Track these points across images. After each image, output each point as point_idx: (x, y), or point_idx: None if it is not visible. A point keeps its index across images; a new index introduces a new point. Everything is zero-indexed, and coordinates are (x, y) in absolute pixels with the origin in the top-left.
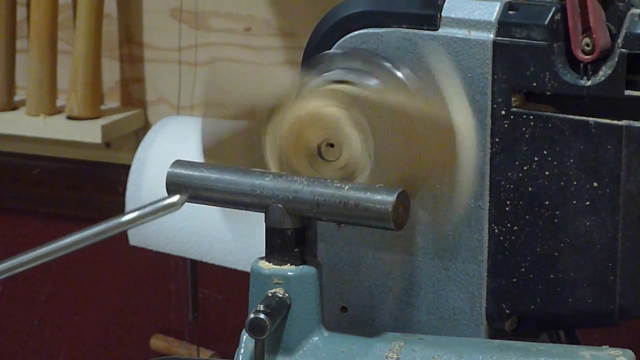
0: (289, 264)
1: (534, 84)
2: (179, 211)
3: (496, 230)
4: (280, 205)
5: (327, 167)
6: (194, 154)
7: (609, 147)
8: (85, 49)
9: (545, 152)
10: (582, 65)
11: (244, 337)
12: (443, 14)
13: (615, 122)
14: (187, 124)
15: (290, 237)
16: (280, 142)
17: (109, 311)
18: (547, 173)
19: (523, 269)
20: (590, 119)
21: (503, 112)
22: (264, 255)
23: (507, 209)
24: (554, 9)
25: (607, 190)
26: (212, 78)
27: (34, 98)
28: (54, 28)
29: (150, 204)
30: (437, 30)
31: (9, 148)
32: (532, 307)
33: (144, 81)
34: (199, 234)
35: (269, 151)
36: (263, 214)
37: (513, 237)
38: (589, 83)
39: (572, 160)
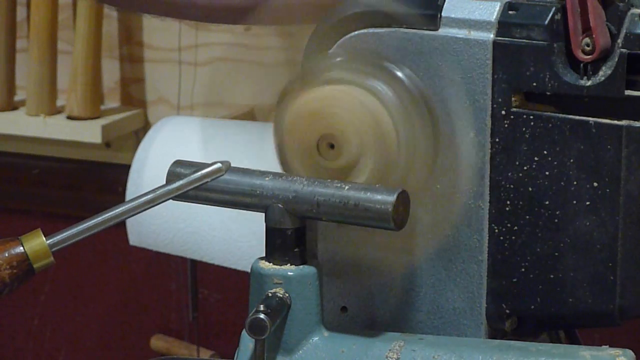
0: (289, 264)
1: (534, 84)
2: (179, 211)
3: (496, 230)
4: (280, 205)
5: (329, 167)
6: (194, 154)
7: (609, 147)
8: (85, 49)
9: (545, 152)
10: (582, 65)
11: (244, 337)
12: (443, 14)
13: (615, 122)
14: (187, 124)
15: (290, 237)
16: (281, 137)
17: (109, 311)
18: (547, 173)
19: (523, 269)
20: (590, 119)
21: (503, 112)
22: (264, 255)
23: (507, 209)
24: (554, 9)
25: (607, 190)
26: None
27: (34, 98)
28: (54, 28)
29: (195, 171)
30: (437, 30)
31: (9, 148)
32: (532, 307)
33: (144, 81)
34: (199, 234)
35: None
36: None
37: (513, 237)
38: (589, 83)
39: (572, 160)
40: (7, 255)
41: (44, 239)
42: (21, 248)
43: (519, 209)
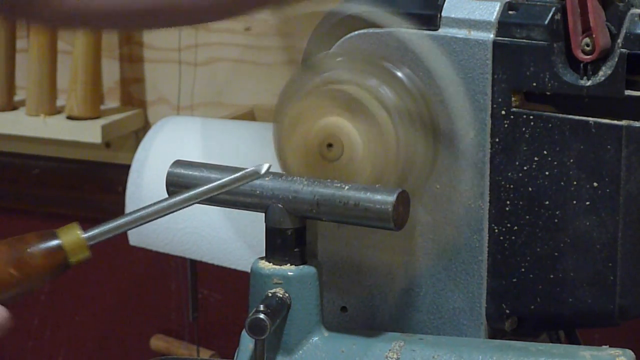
0: (289, 264)
1: (534, 84)
2: (179, 211)
3: (496, 230)
4: (280, 205)
5: (329, 167)
6: (194, 154)
7: (609, 147)
8: (85, 49)
9: (545, 152)
10: (582, 65)
11: (244, 337)
12: (443, 14)
13: (615, 122)
14: (187, 124)
15: (290, 237)
16: (282, 143)
17: (109, 311)
18: (547, 173)
19: (523, 269)
20: (590, 119)
21: (503, 112)
22: (263, 255)
23: (507, 209)
24: (554, 9)
25: (607, 190)
26: None
27: (34, 98)
28: None
29: (236, 171)
30: (437, 30)
31: (9, 148)
32: (532, 307)
33: (144, 81)
34: (199, 234)
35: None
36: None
37: (513, 237)
38: (589, 83)
39: (572, 160)
40: (43, 248)
41: (80, 232)
42: (58, 241)
43: (519, 209)
